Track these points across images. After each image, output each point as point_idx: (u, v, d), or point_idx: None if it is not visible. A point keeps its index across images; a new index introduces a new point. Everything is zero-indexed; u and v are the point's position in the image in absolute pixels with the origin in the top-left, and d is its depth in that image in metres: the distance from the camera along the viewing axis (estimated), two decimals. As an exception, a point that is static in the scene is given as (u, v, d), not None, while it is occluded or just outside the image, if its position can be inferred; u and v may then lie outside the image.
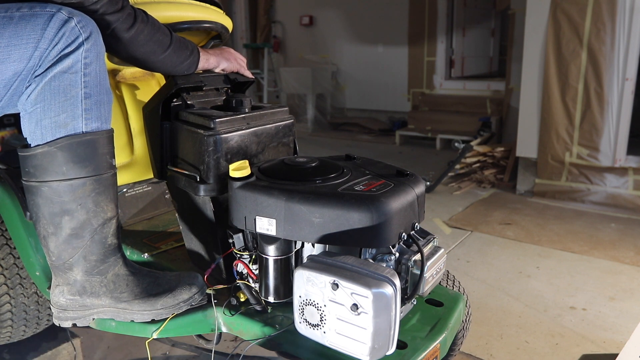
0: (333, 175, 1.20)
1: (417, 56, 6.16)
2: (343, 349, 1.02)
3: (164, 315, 1.20)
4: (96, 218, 1.14)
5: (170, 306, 1.18)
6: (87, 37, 1.04)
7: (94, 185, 1.11)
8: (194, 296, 1.20)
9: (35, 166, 1.08)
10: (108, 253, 1.18)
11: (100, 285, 1.18)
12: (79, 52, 1.03)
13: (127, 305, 1.19)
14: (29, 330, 1.59)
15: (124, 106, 1.62)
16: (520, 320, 2.09)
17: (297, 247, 1.21)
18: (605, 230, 3.08)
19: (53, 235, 1.13)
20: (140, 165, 1.61)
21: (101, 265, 1.17)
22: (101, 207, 1.14)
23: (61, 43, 1.01)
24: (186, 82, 1.33)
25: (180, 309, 1.20)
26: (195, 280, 1.22)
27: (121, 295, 1.19)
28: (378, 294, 0.96)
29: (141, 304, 1.18)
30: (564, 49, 3.47)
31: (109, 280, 1.19)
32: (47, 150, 1.06)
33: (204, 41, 1.61)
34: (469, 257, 2.72)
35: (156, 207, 1.81)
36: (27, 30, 0.99)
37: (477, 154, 4.25)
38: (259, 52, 7.61)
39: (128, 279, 1.20)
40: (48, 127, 1.05)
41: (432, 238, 1.21)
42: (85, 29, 1.03)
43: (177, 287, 1.20)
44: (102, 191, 1.13)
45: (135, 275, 1.22)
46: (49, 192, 1.08)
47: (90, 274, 1.17)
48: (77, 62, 1.03)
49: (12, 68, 1.00)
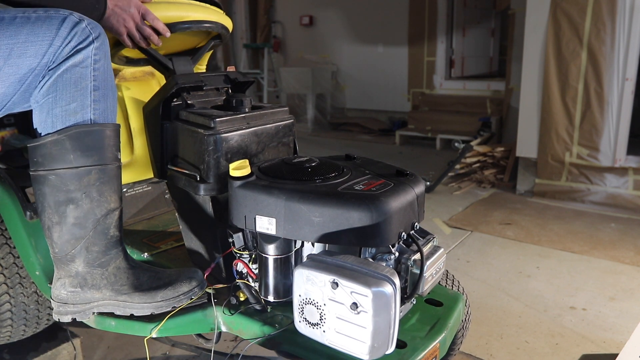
0: (333, 174, 1.20)
1: (417, 56, 6.16)
2: (343, 348, 1.02)
3: (164, 309, 1.20)
4: (100, 208, 1.17)
5: (170, 298, 1.19)
6: (97, 37, 1.13)
7: (99, 174, 1.15)
8: (194, 289, 1.21)
9: (44, 155, 1.12)
10: (110, 245, 1.20)
11: (102, 278, 1.20)
12: (89, 49, 1.12)
13: (127, 298, 1.20)
14: (28, 329, 1.60)
15: (124, 106, 1.63)
16: (520, 320, 2.09)
17: (297, 247, 1.21)
18: (605, 230, 3.08)
19: (57, 225, 1.15)
20: (140, 165, 1.62)
21: (103, 257, 1.19)
22: (105, 198, 1.17)
23: (74, 41, 1.10)
24: (187, 81, 1.33)
25: (180, 302, 1.20)
26: (195, 275, 1.24)
27: (122, 288, 1.20)
28: (378, 292, 0.96)
29: (141, 296, 1.19)
30: (564, 49, 3.47)
31: (110, 272, 1.20)
32: (56, 138, 1.11)
33: (204, 41, 1.61)
34: (469, 257, 2.72)
35: (156, 207, 1.81)
36: (43, 29, 1.07)
37: (477, 154, 4.25)
38: (259, 52, 7.61)
39: (129, 272, 1.22)
40: (59, 115, 1.11)
41: (431, 238, 1.21)
42: (95, 30, 1.13)
43: (177, 281, 1.21)
44: (106, 181, 1.17)
45: (136, 269, 1.24)
46: (56, 180, 1.13)
47: (92, 265, 1.19)
48: (88, 57, 1.12)
49: (28, 63, 1.07)
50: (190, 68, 1.50)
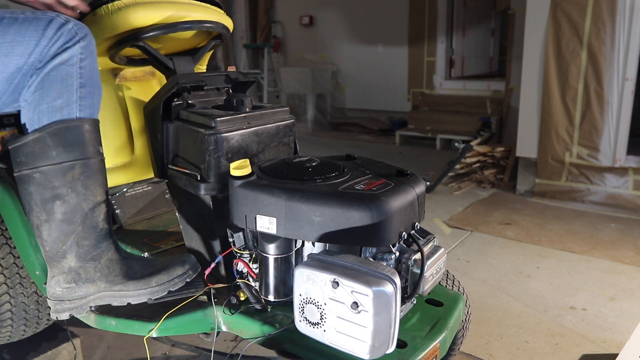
0: (333, 174, 1.20)
1: (417, 56, 6.16)
2: (343, 348, 1.02)
3: (160, 293, 1.20)
4: (86, 202, 1.18)
5: (165, 282, 1.19)
6: (83, 37, 1.17)
7: (82, 169, 1.17)
8: (188, 272, 1.21)
9: (27, 154, 1.15)
10: (100, 238, 1.21)
11: (95, 271, 1.20)
12: (75, 48, 1.15)
13: (122, 287, 1.20)
14: (28, 329, 1.59)
15: (124, 106, 1.62)
16: (520, 320, 2.09)
17: (298, 246, 1.21)
18: (605, 230, 3.08)
19: (46, 223, 1.17)
20: (140, 164, 1.62)
21: (94, 250, 1.20)
22: (91, 191, 1.18)
23: (60, 41, 1.13)
24: (187, 81, 1.33)
25: (176, 285, 1.20)
26: (187, 258, 1.24)
27: (116, 279, 1.21)
28: (378, 292, 0.96)
29: (136, 283, 1.20)
30: (564, 49, 3.47)
31: (103, 265, 1.21)
32: (37, 136, 1.14)
33: (204, 41, 1.61)
34: (469, 257, 2.72)
35: (156, 207, 1.81)
36: (30, 29, 1.11)
37: (477, 154, 4.25)
38: (259, 52, 7.61)
39: (121, 263, 1.22)
40: (45, 111, 1.14)
41: (432, 237, 1.21)
42: (81, 31, 1.16)
43: (170, 266, 1.21)
44: (91, 175, 1.18)
45: (128, 259, 1.24)
46: (41, 178, 1.14)
47: (84, 259, 1.20)
48: (74, 56, 1.15)
49: (15, 62, 1.11)
50: (190, 68, 1.51)
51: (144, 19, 1.37)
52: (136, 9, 1.35)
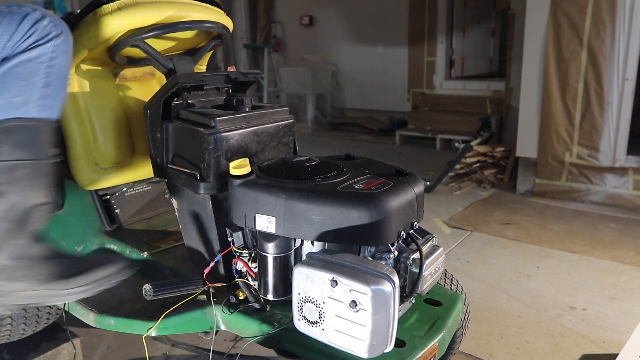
0: (333, 174, 1.20)
1: (417, 56, 6.16)
2: (342, 346, 1.03)
3: (80, 295, 1.19)
4: (27, 202, 1.16)
5: (96, 280, 1.18)
6: (58, 34, 1.13)
7: (30, 169, 1.15)
8: (121, 270, 1.19)
9: None
10: (35, 238, 1.19)
11: (27, 269, 1.19)
12: (47, 46, 1.12)
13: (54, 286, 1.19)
14: (28, 329, 1.60)
15: (124, 106, 1.63)
16: (520, 320, 2.09)
17: (297, 245, 1.21)
18: (605, 230, 3.08)
19: None
20: (140, 164, 1.62)
21: (27, 250, 1.19)
22: (34, 192, 1.17)
23: (33, 37, 1.10)
24: (187, 81, 1.33)
25: (107, 284, 1.19)
26: (113, 259, 1.22)
27: (47, 277, 1.19)
28: (377, 290, 0.96)
29: (66, 282, 1.18)
30: (564, 49, 3.47)
31: (35, 264, 1.19)
32: None
33: (204, 41, 1.62)
34: (469, 257, 2.72)
35: (156, 207, 1.81)
36: (3, 24, 1.08)
37: (477, 154, 4.25)
38: (259, 52, 7.62)
39: (54, 262, 1.21)
40: (2, 106, 1.12)
41: (430, 237, 1.21)
42: (57, 28, 1.13)
43: (103, 264, 1.20)
44: (37, 176, 1.17)
45: (60, 258, 1.22)
46: None
47: (17, 258, 1.18)
48: (44, 54, 1.12)
49: None
50: (190, 68, 1.51)
51: (144, 19, 1.37)
52: (136, 9, 1.36)
